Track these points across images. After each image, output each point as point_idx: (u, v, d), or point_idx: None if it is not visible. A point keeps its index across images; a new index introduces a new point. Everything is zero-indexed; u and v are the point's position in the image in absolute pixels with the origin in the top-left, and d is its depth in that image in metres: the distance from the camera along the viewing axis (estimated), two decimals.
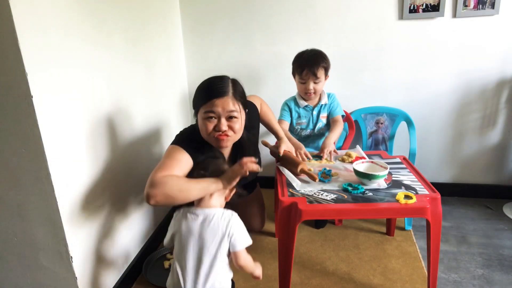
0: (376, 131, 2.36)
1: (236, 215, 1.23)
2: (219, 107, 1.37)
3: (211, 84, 1.41)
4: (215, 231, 1.18)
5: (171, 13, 2.30)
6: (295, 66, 2.01)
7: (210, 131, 1.40)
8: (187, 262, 1.17)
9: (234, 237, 1.18)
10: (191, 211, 1.22)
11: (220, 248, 1.17)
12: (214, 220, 1.19)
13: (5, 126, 1.18)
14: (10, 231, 1.33)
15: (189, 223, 1.20)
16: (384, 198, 1.42)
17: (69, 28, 1.30)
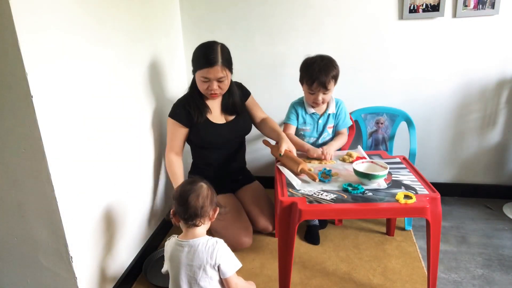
0: (376, 131, 2.36)
1: (221, 242, 1.26)
2: (211, 74, 1.77)
3: (204, 54, 1.78)
4: (200, 262, 1.22)
5: (171, 13, 2.30)
6: (304, 75, 1.90)
7: (205, 89, 1.84)
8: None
9: (222, 265, 1.22)
10: (177, 242, 1.27)
11: (208, 278, 1.21)
12: (198, 251, 1.22)
13: (5, 126, 1.18)
14: (10, 231, 1.33)
15: (177, 254, 1.25)
16: (384, 198, 1.42)
17: (69, 28, 1.30)
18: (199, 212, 1.24)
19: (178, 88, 2.40)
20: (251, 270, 1.81)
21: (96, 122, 1.47)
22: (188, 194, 1.25)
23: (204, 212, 1.25)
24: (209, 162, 2.03)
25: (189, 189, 1.26)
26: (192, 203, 1.23)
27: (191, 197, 1.24)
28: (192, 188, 1.26)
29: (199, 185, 1.28)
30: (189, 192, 1.25)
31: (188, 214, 1.24)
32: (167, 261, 1.29)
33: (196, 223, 1.25)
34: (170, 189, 2.27)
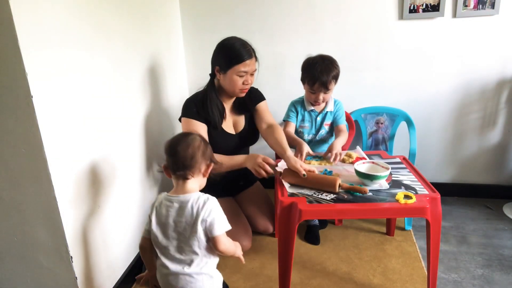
0: (376, 131, 2.36)
1: (212, 199, 1.18)
2: (249, 67, 1.73)
3: (241, 47, 1.72)
4: (189, 217, 1.15)
5: (171, 13, 2.30)
6: (305, 75, 1.91)
7: (241, 84, 1.76)
8: (169, 250, 1.17)
9: (209, 222, 1.14)
10: (167, 198, 1.20)
11: (196, 234, 1.14)
12: (188, 207, 1.15)
13: (5, 126, 1.18)
14: (10, 231, 1.33)
15: (166, 210, 1.18)
16: (384, 198, 1.42)
17: (69, 28, 1.30)
18: (188, 163, 1.16)
19: (178, 88, 2.40)
20: (251, 270, 1.81)
21: (96, 122, 1.47)
22: (177, 143, 1.17)
23: (195, 163, 1.17)
24: None
25: (179, 139, 1.19)
26: (181, 153, 1.16)
27: (181, 147, 1.16)
28: (183, 139, 1.19)
29: (191, 136, 1.21)
30: (179, 142, 1.18)
31: (177, 165, 1.16)
32: (154, 217, 1.20)
33: (185, 175, 1.17)
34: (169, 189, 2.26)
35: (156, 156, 2.05)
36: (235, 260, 1.87)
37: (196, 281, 1.16)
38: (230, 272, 1.80)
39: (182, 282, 1.16)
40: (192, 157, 1.17)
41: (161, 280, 1.21)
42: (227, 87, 1.79)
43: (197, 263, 1.16)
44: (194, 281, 1.16)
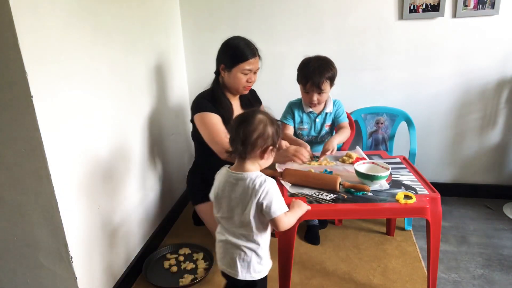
0: (376, 131, 2.36)
1: (270, 181, 1.17)
2: (252, 65, 1.79)
3: (245, 45, 1.78)
4: (244, 196, 1.17)
5: (171, 13, 2.30)
6: (299, 75, 1.91)
7: (244, 82, 1.81)
8: (223, 220, 1.24)
9: (266, 204, 1.14)
10: (228, 172, 1.23)
11: (249, 214, 1.15)
12: (244, 185, 1.17)
13: (5, 126, 1.18)
14: (10, 231, 1.33)
15: (224, 184, 1.22)
16: (384, 198, 1.42)
17: (69, 28, 1.30)
18: (245, 144, 1.15)
19: (178, 88, 2.40)
20: None
21: (96, 122, 1.47)
22: (242, 122, 1.17)
23: (247, 146, 1.15)
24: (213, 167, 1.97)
25: (245, 118, 1.18)
26: (241, 132, 1.15)
27: (243, 126, 1.16)
28: (248, 118, 1.17)
29: (254, 116, 1.17)
30: (244, 121, 1.17)
31: (235, 143, 1.17)
32: (215, 188, 1.26)
33: (241, 155, 1.17)
34: (170, 189, 2.27)
35: (156, 156, 2.05)
36: None
37: (245, 256, 1.21)
38: None
39: (232, 251, 1.22)
40: (246, 139, 1.15)
41: (217, 245, 1.28)
42: (231, 85, 1.84)
43: (247, 239, 1.20)
44: (242, 254, 1.21)
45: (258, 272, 1.24)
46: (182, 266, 1.84)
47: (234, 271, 1.22)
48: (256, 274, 1.23)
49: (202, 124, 1.80)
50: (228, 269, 1.24)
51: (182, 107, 2.47)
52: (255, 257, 1.22)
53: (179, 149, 2.42)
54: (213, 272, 1.80)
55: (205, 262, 1.85)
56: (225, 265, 1.25)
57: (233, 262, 1.22)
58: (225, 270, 1.26)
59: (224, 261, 1.25)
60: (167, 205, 2.22)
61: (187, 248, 1.96)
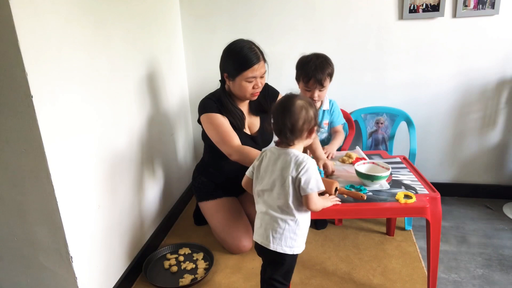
0: (376, 131, 2.36)
1: (311, 160, 1.23)
2: (257, 71, 1.70)
3: (248, 51, 1.68)
4: (285, 170, 1.22)
5: (171, 13, 2.30)
6: (300, 73, 1.93)
7: (251, 89, 1.73)
8: (264, 192, 1.29)
9: (304, 180, 1.20)
10: (274, 147, 1.30)
11: (291, 187, 1.22)
12: (287, 159, 1.23)
13: (5, 126, 1.18)
14: (10, 231, 1.33)
15: (268, 159, 1.29)
16: (384, 198, 1.42)
17: (69, 28, 1.30)
18: (291, 133, 1.22)
19: (178, 88, 2.40)
20: (251, 270, 1.81)
21: (96, 122, 1.47)
22: (283, 111, 1.22)
23: (295, 133, 1.23)
24: (221, 170, 1.99)
25: (285, 106, 1.23)
26: (285, 122, 1.21)
27: (286, 116, 1.21)
28: (288, 106, 1.22)
29: (295, 103, 1.22)
30: (285, 110, 1.22)
31: (281, 132, 1.24)
32: (259, 161, 1.33)
33: (287, 142, 1.25)
34: (170, 189, 2.27)
35: (156, 156, 2.05)
36: (235, 260, 1.89)
37: (278, 227, 1.25)
38: (230, 272, 1.80)
39: (268, 222, 1.26)
40: (293, 127, 1.22)
41: (256, 216, 1.34)
42: (237, 93, 1.78)
43: (283, 211, 1.24)
44: (275, 225, 1.25)
45: (290, 247, 1.27)
46: (182, 266, 1.84)
47: (266, 241, 1.26)
48: (287, 248, 1.26)
49: (208, 125, 1.78)
50: (261, 239, 1.28)
51: (182, 107, 2.47)
52: (288, 231, 1.25)
53: (179, 149, 2.42)
54: (213, 272, 1.80)
55: (205, 262, 1.85)
56: (259, 236, 1.29)
57: (267, 232, 1.26)
58: (258, 240, 1.30)
59: (259, 231, 1.30)
60: (167, 205, 2.22)
61: (187, 248, 1.96)
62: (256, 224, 1.33)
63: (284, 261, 1.30)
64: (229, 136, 1.72)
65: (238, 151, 1.68)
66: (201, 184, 2.04)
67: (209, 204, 2.00)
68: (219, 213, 1.96)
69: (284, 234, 1.25)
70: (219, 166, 1.98)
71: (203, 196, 2.02)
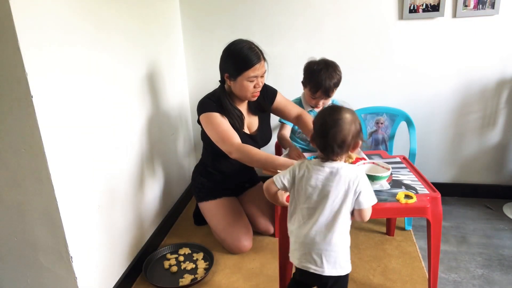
0: (376, 131, 2.36)
1: (362, 172, 1.21)
2: (259, 71, 1.70)
3: (248, 51, 1.68)
4: (341, 185, 1.17)
5: (171, 13, 2.30)
6: (308, 81, 1.90)
7: (252, 89, 1.73)
8: (310, 213, 1.20)
9: (362, 194, 1.17)
10: (317, 163, 1.21)
11: (345, 203, 1.17)
12: (341, 174, 1.17)
13: (5, 126, 1.17)
14: (10, 231, 1.33)
15: (314, 174, 1.20)
16: (384, 198, 1.42)
17: (69, 28, 1.30)
18: (336, 150, 1.17)
19: (178, 88, 2.40)
20: (251, 270, 1.81)
21: (96, 122, 1.47)
22: (329, 127, 1.16)
23: (344, 148, 1.17)
24: (220, 170, 1.99)
25: (330, 122, 1.17)
26: (332, 138, 1.16)
27: (331, 132, 1.15)
28: (333, 121, 1.16)
29: (343, 117, 1.17)
30: (330, 126, 1.16)
31: (326, 149, 1.18)
32: (297, 181, 1.23)
33: (332, 158, 1.19)
34: (170, 189, 2.27)
35: (156, 156, 2.05)
36: (235, 260, 1.89)
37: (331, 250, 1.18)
38: (230, 272, 1.80)
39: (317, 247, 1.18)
40: (343, 143, 1.17)
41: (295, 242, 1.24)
42: (238, 93, 1.77)
43: (335, 230, 1.18)
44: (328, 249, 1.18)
45: (344, 267, 1.21)
46: (182, 266, 1.84)
47: (319, 267, 1.19)
48: (341, 269, 1.21)
49: (208, 124, 1.77)
50: (310, 265, 1.19)
51: (182, 107, 2.47)
52: (342, 251, 1.20)
53: (179, 149, 2.42)
54: (213, 272, 1.80)
55: (205, 262, 1.85)
56: (307, 262, 1.20)
57: (319, 257, 1.18)
58: (305, 267, 1.20)
59: (307, 257, 1.20)
60: (167, 205, 2.22)
61: (187, 248, 1.96)
62: (298, 250, 1.22)
63: (339, 281, 1.23)
64: (229, 134, 1.72)
65: (239, 149, 1.67)
66: (201, 184, 2.04)
67: (208, 204, 2.00)
68: (219, 213, 1.96)
69: (338, 256, 1.19)
70: (218, 166, 1.98)
71: (202, 196, 2.02)
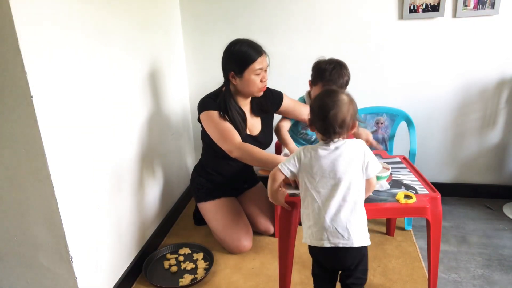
0: (376, 131, 2.36)
1: (364, 143, 1.24)
2: (262, 64, 1.72)
3: (249, 47, 1.72)
4: (350, 160, 1.20)
5: (171, 13, 2.30)
6: (320, 78, 1.85)
7: (259, 83, 1.73)
8: (326, 193, 1.20)
9: (370, 164, 1.21)
10: (321, 146, 1.23)
11: (357, 176, 1.20)
12: (347, 149, 1.20)
13: (5, 126, 1.17)
14: (10, 231, 1.33)
15: (322, 155, 1.21)
16: (384, 198, 1.42)
17: (69, 28, 1.30)
18: (338, 130, 1.19)
19: (179, 88, 2.40)
20: (251, 270, 1.81)
21: (96, 122, 1.47)
22: (328, 109, 1.18)
23: (345, 128, 1.20)
24: (219, 171, 1.99)
25: (329, 103, 1.18)
26: (331, 119, 1.17)
27: (331, 113, 1.17)
28: (333, 102, 1.18)
29: (340, 98, 1.19)
30: (330, 107, 1.18)
31: (327, 130, 1.20)
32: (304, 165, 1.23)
33: (333, 139, 1.21)
34: (170, 189, 2.27)
35: (156, 156, 2.05)
36: (235, 260, 1.89)
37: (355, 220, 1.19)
38: (230, 272, 1.80)
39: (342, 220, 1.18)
40: (343, 122, 1.19)
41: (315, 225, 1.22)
42: (246, 89, 1.76)
43: (356, 203, 1.20)
44: (353, 219, 1.19)
45: (367, 237, 1.22)
46: (182, 266, 1.84)
47: (347, 240, 1.18)
48: (366, 239, 1.22)
49: (208, 123, 1.76)
50: (339, 240, 1.18)
51: (183, 106, 2.47)
52: (363, 221, 1.22)
53: (179, 149, 2.42)
54: (213, 272, 1.80)
55: (205, 262, 1.85)
56: (335, 238, 1.19)
57: (345, 230, 1.18)
58: (334, 243, 1.19)
59: (334, 234, 1.19)
60: (167, 205, 2.22)
61: (187, 248, 1.96)
62: (325, 228, 1.20)
63: (366, 253, 1.25)
64: (229, 133, 1.72)
65: (240, 148, 1.67)
66: (200, 184, 2.04)
67: (208, 205, 1.99)
68: (218, 213, 1.96)
69: (363, 224, 1.22)
70: (217, 166, 1.98)
71: (202, 196, 2.02)
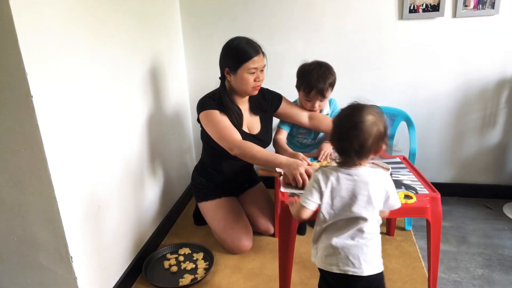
0: None
1: (387, 174, 1.22)
2: (257, 63, 1.71)
3: (246, 44, 1.72)
4: (371, 191, 1.12)
5: (171, 13, 2.30)
6: (301, 82, 1.89)
7: (253, 82, 1.73)
8: (344, 223, 1.15)
9: (391, 198, 1.16)
10: (342, 172, 1.14)
11: (376, 207, 1.14)
12: (369, 180, 1.12)
13: (5, 126, 1.18)
14: (10, 231, 1.33)
15: (344, 185, 1.13)
16: None
17: (69, 28, 1.30)
18: (352, 155, 1.09)
19: (179, 88, 2.40)
20: (251, 270, 1.81)
21: (96, 122, 1.47)
22: (345, 130, 1.08)
23: (363, 153, 1.09)
24: (219, 170, 1.99)
25: (345, 124, 1.09)
26: (348, 141, 1.07)
27: (349, 135, 1.07)
28: (351, 123, 1.07)
29: (363, 119, 1.06)
30: (347, 129, 1.08)
31: (347, 153, 1.09)
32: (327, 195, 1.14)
33: (353, 163, 1.12)
34: (170, 189, 2.27)
35: (156, 156, 2.05)
36: (235, 260, 1.89)
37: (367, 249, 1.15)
38: (230, 272, 1.80)
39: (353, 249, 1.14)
40: (361, 148, 1.07)
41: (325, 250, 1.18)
42: (239, 87, 1.76)
43: (372, 232, 1.16)
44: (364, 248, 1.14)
45: (380, 264, 1.18)
46: (182, 266, 1.84)
47: (357, 269, 1.14)
48: (378, 266, 1.17)
49: (208, 122, 1.77)
50: (349, 268, 1.14)
51: (183, 107, 2.47)
52: (377, 249, 1.18)
53: (179, 149, 2.42)
54: (213, 272, 1.80)
55: (205, 262, 1.85)
56: (345, 265, 1.15)
57: (356, 259, 1.13)
58: (343, 270, 1.15)
59: (343, 261, 1.15)
60: (167, 205, 2.22)
61: (187, 248, 1.96)
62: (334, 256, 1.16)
63: (382, 278, 1.19)
64: (229, 131, 1.72)
65: (239, 146, 1.67)
66: (200, 184, 2.04)
67: (208, 205, 2.00)
68: (219, 213, 1.96)
69: (375, 253, 1.18)
70: (217, 166, 1.98)
71: (202, 196, 2.02)
